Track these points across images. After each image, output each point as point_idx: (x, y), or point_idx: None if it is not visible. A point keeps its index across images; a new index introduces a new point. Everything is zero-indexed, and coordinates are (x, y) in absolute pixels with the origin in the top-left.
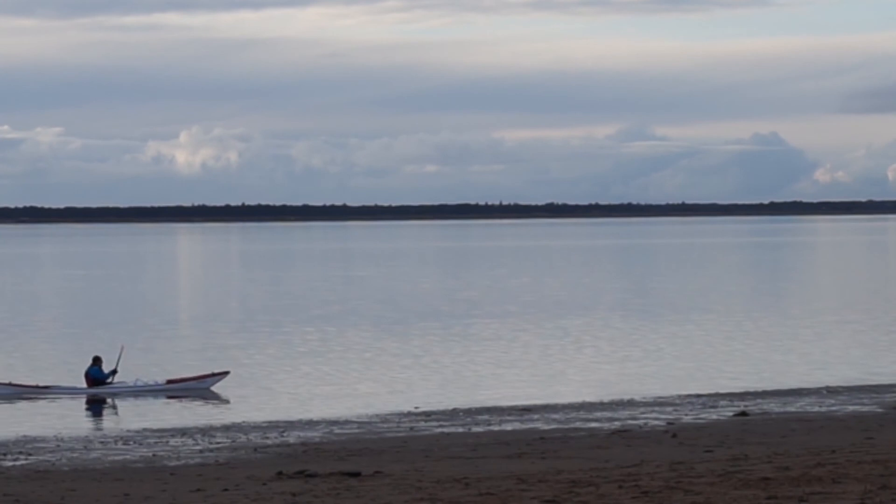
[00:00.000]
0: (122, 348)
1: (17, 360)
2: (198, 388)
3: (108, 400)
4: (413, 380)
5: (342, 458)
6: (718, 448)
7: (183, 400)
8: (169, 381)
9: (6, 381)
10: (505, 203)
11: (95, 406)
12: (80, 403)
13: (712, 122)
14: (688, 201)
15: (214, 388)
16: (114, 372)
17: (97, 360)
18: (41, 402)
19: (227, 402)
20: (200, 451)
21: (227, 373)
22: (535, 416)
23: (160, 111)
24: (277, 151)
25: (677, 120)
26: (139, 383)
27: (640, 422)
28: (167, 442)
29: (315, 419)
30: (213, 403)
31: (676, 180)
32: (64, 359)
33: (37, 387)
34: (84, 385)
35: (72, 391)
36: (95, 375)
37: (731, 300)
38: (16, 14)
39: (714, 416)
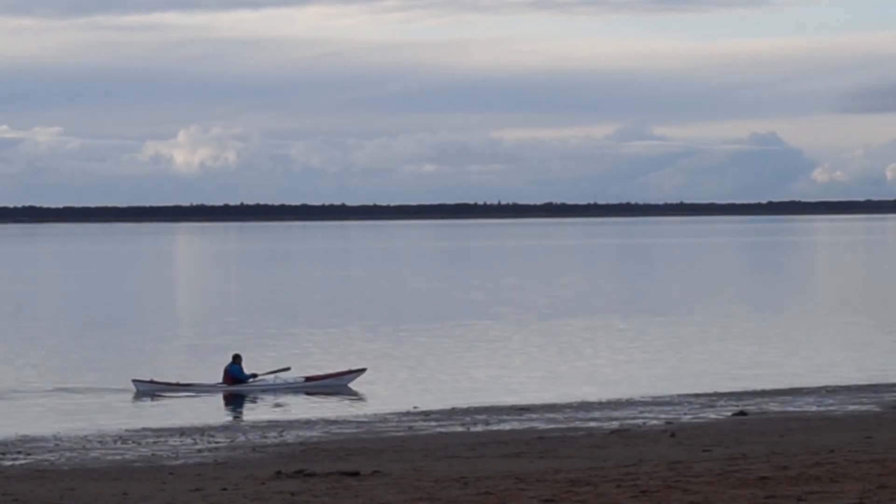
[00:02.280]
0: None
1: (20, 360)
2: (336, 384)
3: (246, 397)
4: (411, 379)
5: (341, 458)
6: (717, 447)
7: (182, 399)
8: (308, 379)
9: (147, 379)
10: (503, 203)
11: (94, 405)
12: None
13: (711, 122)
14: (686, 201)
15: (352, 385)
16: (254, 375)
17: (237, 359)
18: (40, 401)
19: (359, 396)
20: (199, 451)
21: (363, 370)
22: (534, 416)
23: (159, 111)
24: (276, 151)
25: (676, 120)
26: (279, 381)
27: (639, 421)
28: (166, 441)
29: (313, 419)
30: (212, 403)
31: (675, 180)
32: (66, 359)
33: (178, 384)
34: (223, 382)
35: (212, 388)
36: (235, 374)
37: (730, 300)
38: (14, 13)
39: (712, 416)
